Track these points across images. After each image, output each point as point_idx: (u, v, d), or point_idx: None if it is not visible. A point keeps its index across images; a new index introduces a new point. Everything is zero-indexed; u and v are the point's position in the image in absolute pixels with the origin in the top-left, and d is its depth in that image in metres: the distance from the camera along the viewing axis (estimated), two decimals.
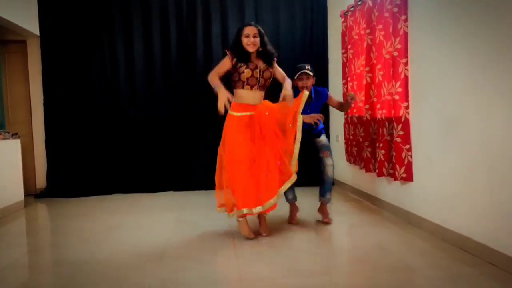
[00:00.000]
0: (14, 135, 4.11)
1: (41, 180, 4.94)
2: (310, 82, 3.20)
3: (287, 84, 2.88)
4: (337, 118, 4.89)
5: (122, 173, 4.92)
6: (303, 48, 5.12)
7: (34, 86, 4.88)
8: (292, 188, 3.16)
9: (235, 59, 2.82)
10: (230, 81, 2.92)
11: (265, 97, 3.01)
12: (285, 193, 3.16)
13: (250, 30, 2.79)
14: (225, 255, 2.61)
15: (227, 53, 2.86)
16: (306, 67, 3.18)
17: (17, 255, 2.79)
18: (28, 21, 4.54)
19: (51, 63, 4.80)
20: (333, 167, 3.18)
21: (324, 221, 3.25)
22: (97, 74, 4.88)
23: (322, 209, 3.29)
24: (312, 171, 3.77)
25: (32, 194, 4.84)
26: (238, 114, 2.81)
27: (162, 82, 4.93)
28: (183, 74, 4.92)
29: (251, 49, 2.79)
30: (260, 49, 2.84)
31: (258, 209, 2.75)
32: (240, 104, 2.84)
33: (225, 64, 2.83)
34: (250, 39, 2.77)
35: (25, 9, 4.49)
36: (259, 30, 2.82)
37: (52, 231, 3.43)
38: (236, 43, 2.86)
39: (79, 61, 4.84)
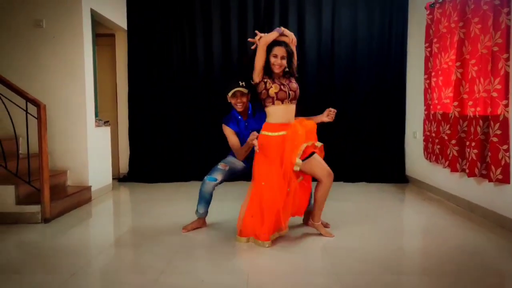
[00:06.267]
0: (106, 123, 4.45)
1: (123, 165, 5.30)
2: (246, 98, 2.90)
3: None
4: (415, 114, 4.72)
5: (200, 161, 5.13)
6: (381, 42, 4.99)
7: (120, 77, 5.23)
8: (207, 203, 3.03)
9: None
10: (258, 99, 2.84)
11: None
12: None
13: (278, 51, 2.66)
14: (314, 249, 2.66)
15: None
16: (240, 84, 2.86)
17: (118, 234, 3.05)
18: (118, 15, 4.85)
19: (136, 56, 5.11)
20: None
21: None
22: (177, 67, 5.11)
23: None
24: None
25: (116, 178, 5.19)
26: (271, 134, 2.68)
27: (239, 75, 5.04)
28: None
29: (276, 70, 2.69)
30: (286, 69, 2.74)
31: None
32: (273, 124, 2.71)
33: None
34: (278, 60, 2.67)
35: (115, 4, 4.80)
36: (287, 51, 2.71)
37: (142, 213, 3.66)
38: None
39: (161, 54, 5.10)
